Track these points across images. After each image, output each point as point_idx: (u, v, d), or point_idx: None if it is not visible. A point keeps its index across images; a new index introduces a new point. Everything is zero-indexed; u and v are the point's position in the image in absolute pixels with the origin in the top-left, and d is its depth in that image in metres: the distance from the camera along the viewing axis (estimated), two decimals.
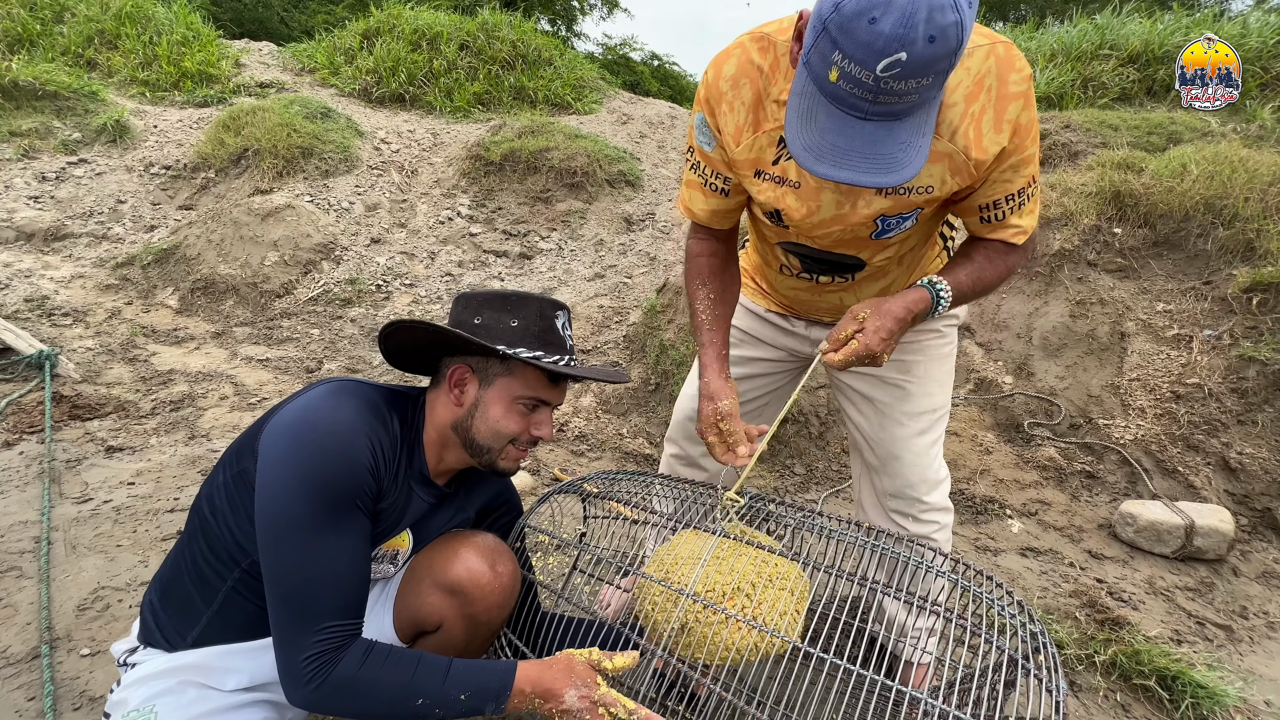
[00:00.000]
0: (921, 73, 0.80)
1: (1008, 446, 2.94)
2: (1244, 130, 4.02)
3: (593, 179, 5.49)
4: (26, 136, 5.46)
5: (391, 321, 1.09)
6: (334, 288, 4.46)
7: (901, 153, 0.87)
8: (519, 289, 1.31)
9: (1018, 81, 0.98)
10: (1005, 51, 0.98)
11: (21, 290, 3.93)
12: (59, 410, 2.75)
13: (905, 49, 0.77)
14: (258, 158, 5.27)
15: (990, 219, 1.13)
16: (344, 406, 1.03)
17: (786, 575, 1.09)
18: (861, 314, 1.14)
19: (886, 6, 0.77)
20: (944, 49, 0.78)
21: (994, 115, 0.99)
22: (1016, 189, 1.09)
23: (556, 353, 1.12)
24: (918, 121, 0.88)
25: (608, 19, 20.45)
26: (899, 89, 0.81)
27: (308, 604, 0.94)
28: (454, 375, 1.13)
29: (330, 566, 0.95)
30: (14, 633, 1.59)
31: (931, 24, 0.76)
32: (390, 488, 1.08)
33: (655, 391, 3.19)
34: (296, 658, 0.93)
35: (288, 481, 0.95)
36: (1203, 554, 2.30)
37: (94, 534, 2.00)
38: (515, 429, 1.12)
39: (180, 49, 7.11)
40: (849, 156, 0.88)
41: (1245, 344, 2.76)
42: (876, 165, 0.87)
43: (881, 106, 0.84)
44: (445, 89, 7.22)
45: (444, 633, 1.17)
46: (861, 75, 0.81)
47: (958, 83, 0.98)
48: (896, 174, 0.87)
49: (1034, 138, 1.04)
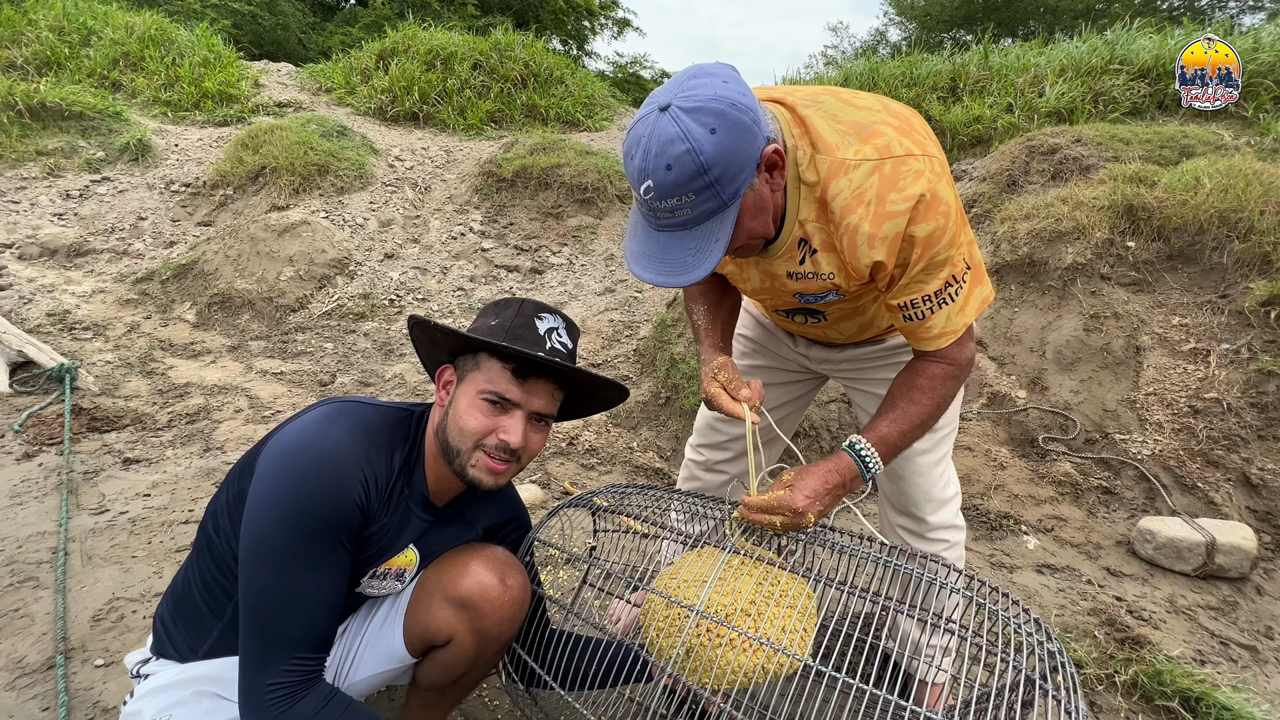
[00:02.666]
0: (675, 193, 0.92)
1: (1022, 462, 2.90)
2: (1258, 144, 4.00)
3: (603, 195, 5.54)
4: (52, 155, 5.60)
5: (408, 320, 1.11)
6: (348, 302, 4.51)
7: (691, 258, 0.98)
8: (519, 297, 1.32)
9: (897, 201, 0.99)
10: (892, 170, 0.99)
11: (44, 305, 4.01)
12: (78, 422, 2.79)
13: (650, 177, 0.91)
14: (275, 175, 5.37)
15: (911, 317, 1.11)
16: (338, 432, 1.02)
17: (793, 593, 1.08)
18: (787, 476, 1.13)
19: (636, 144, 0.92)
20: (683, 173, 0.90)
21: (869, 230, 1.02)
22: (933, 290, 1.07)
23: (527, 349, 1.06)
24: (709, 228, 0.97)
25: (619, 38, 20.76)
26: (666, 207, 0.94)
27: (278, 631, 0.95)
28: (441, 376, 1.14)
29: (302, 595, 0.96)
30: (30, 643, 1.61)
31: (665, 155, 0.89)
32: (381, 512, 1.07)
33: (665, 405, 3.19)
34: (261, 683, 0.94)
35: (272, 506, 0.96)
36: (1225, 572, 2.25)
37: (110, 545, 2.02)
38: (476, 427, 1.06)
39: (201, 70, 7.29)
40: (649, 260, 1.01)
41: (1264, 358, 2.72)
42: (668, 268, 1.00)
43: (664, 220, 0.97)
44: (458, 107, 7.34)
45: (454, 647, 1.17)
46: (640, 197, 0.96)
47: (838, 193, 1.02)
48: (685, 276, 0.98)
49: (949, 242, 1.03)
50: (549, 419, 1.14)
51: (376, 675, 1.23)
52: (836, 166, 1.02)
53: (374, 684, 1.26)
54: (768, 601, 1.05)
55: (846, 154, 1.01)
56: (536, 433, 1.12)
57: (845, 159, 1.01)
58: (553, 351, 1.09)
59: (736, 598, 1.05)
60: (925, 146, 1.03)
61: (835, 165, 1.02)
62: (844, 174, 1.01)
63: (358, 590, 1.15)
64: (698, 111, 0.89)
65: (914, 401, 1.15)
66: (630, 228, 1.07)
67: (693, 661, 1.04)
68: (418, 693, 1.29)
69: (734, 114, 0.89)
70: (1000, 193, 3.97)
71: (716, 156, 0.89)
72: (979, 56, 5.86)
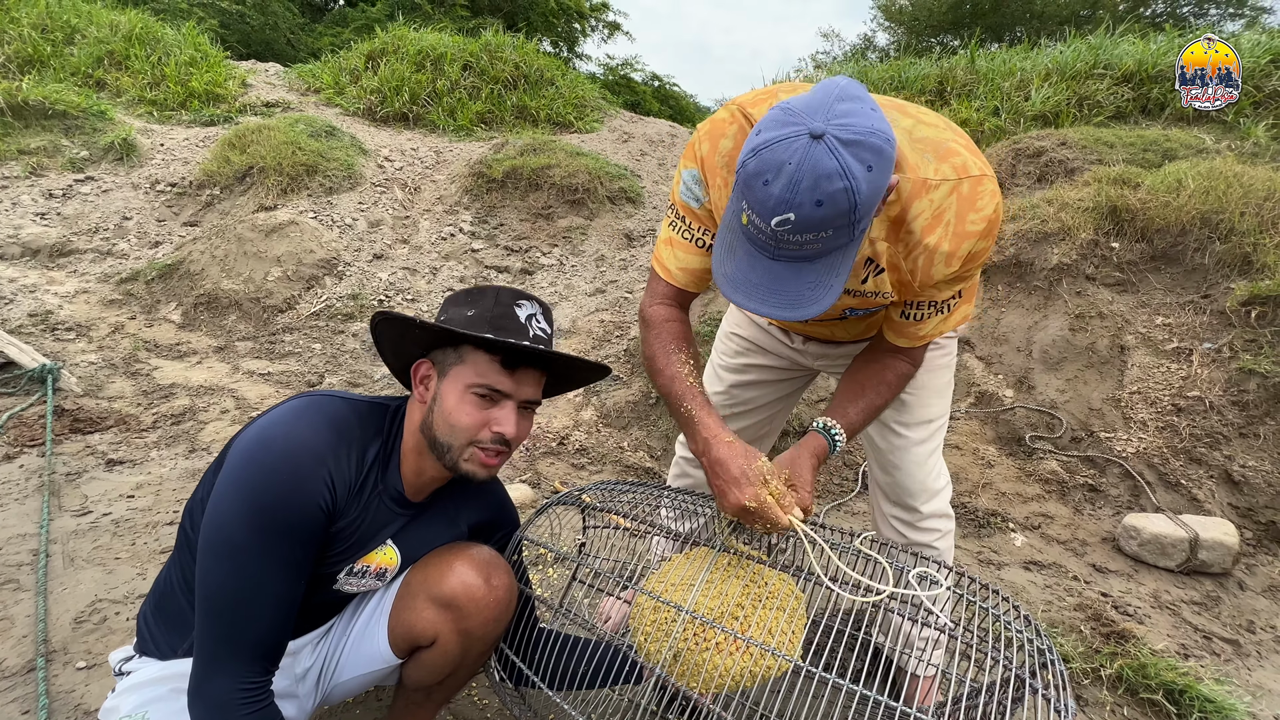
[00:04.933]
0: (815, 229, 0.85)
1: (1009, 460, 2.93)
2: (1239, 147, 4.06)
3: (594, 196, 5.53)
4: (35, 155, 5.52)
5: (373, 317, 1.09)
6: (336, 303, 4.48)
7: (810, 291, 0.91)
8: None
9: (975, 221, 1.02)
10: (970, 190, 1.01)
11: (26, 305, 3.95)
12: (60, 424, 2.75)
13: (793, 210, 0.83)
14: (262, 175, 5.33)
15: (910, 316, 1.17)
16: (303, 428, 1.00)
17: (780, 593, 1.08)
18: (783, 474, 1.11)
19: (777, 171, 0.82)
20: (833, 211, 0.83)
21: (948, 249, 1.03)
22: (945, 298, 1.14)
23: (513, 338, 1.05)
24: (831, 262, 0.91)
25: (609, 41, 20.78)
26: (796, 240, 0.87)
27: (231, 627, 0.94)
28: (417, 372, 1.12)
29: (259, 593, 0.95)
30: (10, 645, 1.58)
31: (818, 190, 0.81)
32: (351, 507, 1.06)
33: (655, 405, 3.19)
34: (223, 683, 0.93)
35: (233, 503, 0.94)
36: (1208, 567, 2.28)
37: (92, 547, 1.99)
38: (468, 422, 1.05)
39: (188, 69, 7.22)
40: (759, 290, 0.93)
41: (1245, 357, 2.76)
42: (783, 300, 0.92)
43: (786, 251, 0.89)
44: (448, 108, 7.31)
45: (439, 647, 1.16)
46: (762, 225, 0.87)
47: (919, 213, 1.02)
48: (803, 310, 0.91)
49: (980, 264, 1.09)
50: (535, 405, 1.14)
51: (361, 676, 1.22)
52: (919, 186, 1.01)
53: (359, 685, 1.25)
54: (755, 605, 1.05)
55: (927, 173, 1.01)
56: (526, 420, 1.13)
57: (927, 178, 1.01)
58: (536, 339, 1.09)
59: (724, 601, 1.05)
60: (988, 168, 1.05)
61: (918, 185, 1.01)
62: (926, 194, 1.01)
63: (335, 588, 1.14)
64: (856, 146, 0.82)
65: (879, 394, 1.23)
66: (723, 247, 0.98)
67: (680, 665, 1.04)
68: (404, 693, 1.28)
69: (888, 151, 0.85)
70: None
71: (870, 195, 0.84)
72: (966, 61, 5.91)
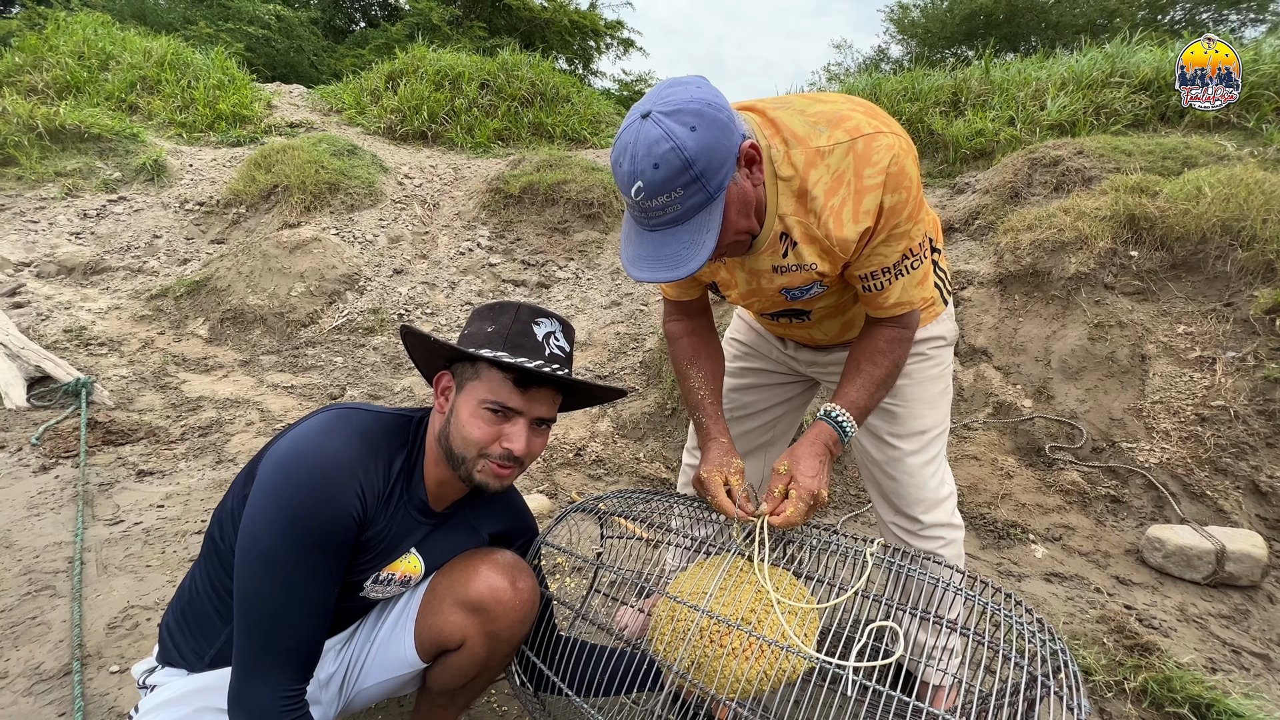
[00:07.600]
0: (663, 190, 0.97)
1: (1029, 470, 2.90)
2: (1260, 154, 4.01)
3: (609, 210, 5.60)
4: (70, 176, 5.73)
5: (400, 329, 1.13)
6: (357, 317, 4.57)
7: (685, 250, 1.02)
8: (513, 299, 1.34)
9: (873, 175, 1.06)
10: (864, 147, 1.06)
11: (61, 321, 4.09)
12: (93, 436, 2.84)
13: (639, 179, 0.97)
14: (287, 193, 5.47)
15: (870, 288, 1.20)
16: (334, 441, 1.04)
17: (794, 598, 1.09)
18: (782, 467, 1.18)
19: (623, 151, 0.98)
20: (669, 170, 0.95)
21: (853, 207, 1.09)
22: (892, 262, 1.17)
23: (528, 357, 1.07)
24: (699, 222, 1.02)
25: (624, 58, 21.03)
26: (656, 205, 0.99)
27: (269, 635, 0.97)
28: (439, 384, 1.15)
29: (294, 602, 0.98)
30: (47, 650, 1.63)
31: (651, 155, 0.95)
32: (379, 517, 1.09)
33: (671, 416, 3.21)
34: (263, 691, 0.97)
35: (268, 515, 0.98)
36: (1235, 580, 2.23)
37: (125, 554, 2.05)
38: (479, 436, 1.07)
39: (216, 93, 7.46)
40: (647, 261, 1.05)
41: (1270, 365, 2.71)
42: (663, 264, 1.03)
43: (655, 219, 1.02)
44: (466, 126, 7.46)
45: (466, 650, 1.18)
46: (631, 201, 1.01)
47: (818, 179, 1.08)
48: (683, 269, 1.02)
49: (909, 216, 1.11)
50: (550, 422, 1.16)
51: (385, 682, 1.25)
52: (813, 155, 1.07)
53: (382, 691, 1.27)
54: (769, 609, 1.06)
55: (820, 141, 1.07)
56: (538, 436, 1.14)
57: (820, 146, 1.07)
58: (552, 357, 1.11)
59: (738, 607, 1.06)
60: (893, 126, 1.09)
61: (811, 154, 1.08)
62: (821, 160, 1.07)
63: (361, 595, 1.17)
64: (677, 113, 0.95)
65: (876, 364, 1.25)
66: (624, 236, 1.11)
67: (697, 673, 1.05)
68: (428, 697, 1.31)
69: (710, 112, 0.96)
70: (1003, 204, 4.00)
71: (699, 150, 0.94)
72: (980, 71, 5.91)
